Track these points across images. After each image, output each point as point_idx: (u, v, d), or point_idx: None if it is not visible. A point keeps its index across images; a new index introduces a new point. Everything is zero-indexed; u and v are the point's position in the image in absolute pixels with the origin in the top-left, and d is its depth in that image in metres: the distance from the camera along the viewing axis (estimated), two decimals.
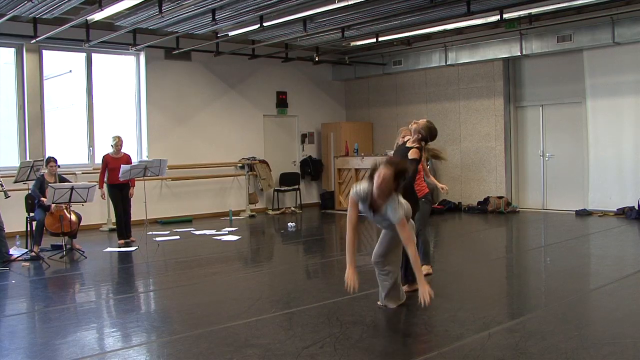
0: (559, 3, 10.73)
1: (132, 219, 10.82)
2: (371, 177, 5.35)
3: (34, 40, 11.32)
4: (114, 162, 10.49)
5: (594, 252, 9.38)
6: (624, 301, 6.17)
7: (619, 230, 10.95)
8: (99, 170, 10.85)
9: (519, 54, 13.46)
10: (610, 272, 7.54)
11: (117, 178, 10.22)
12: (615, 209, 12.68)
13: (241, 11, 10.25)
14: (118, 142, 10.72)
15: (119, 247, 10.25)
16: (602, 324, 5.48)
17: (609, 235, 10.52)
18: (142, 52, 13.47)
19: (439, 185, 8.03)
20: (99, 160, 12.68)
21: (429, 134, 6.56)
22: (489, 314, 5.79)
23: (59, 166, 9.92)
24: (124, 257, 9.50)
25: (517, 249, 10.39)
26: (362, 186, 5.44)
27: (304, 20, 11.06)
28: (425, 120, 6.70)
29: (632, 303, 6.09)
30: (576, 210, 13.21)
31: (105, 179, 10.59)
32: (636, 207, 12.22)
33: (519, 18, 12.04)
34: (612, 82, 12.82)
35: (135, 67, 13.71)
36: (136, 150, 13.39)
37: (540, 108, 14.17)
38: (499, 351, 4.66)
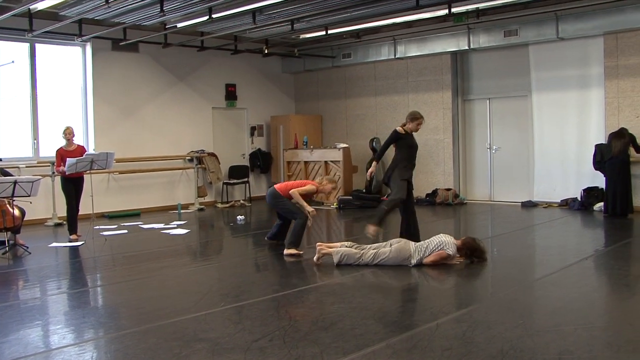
0: None
1: (78, 213, 10.57)
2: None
3: None
4: (68, 154, 10.11)
5: (539, 243, 9.60)
6: (566, 290, 6.33)
7: (563, 221, 11.22)
8: (45, 164, 10.53)
9: (467, 47, 13.66)
10: (554, 262, 7.73)
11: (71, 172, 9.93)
12: (559, 200, 12.99)
13: (190, 2, 10.14)
14: (67, 132, 10.28)
15: (70, 241, 10.03)
16: (545, 312, 5.61)
17: (553, 226, 10.77)
18: (89, 43, 13.20)
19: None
20: (43, 153, 12.47)
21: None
22: (436, 305, 5.88)
23: (0, 159, 9.64)
24: (70, 253, 9.32)
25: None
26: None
27: (253, 12, 11.01)
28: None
29: (574, 291, 6.26)
30: (522, 202, 13.49)
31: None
32: (579, 199, 12.54)
33: (467, 12, 12.21)
34: (556, 76, 13.11)
35: (82, 59, 13.43)
36: (82, 143, 13.11)
37: (487, 101, 14.41)
38: (447, 341, 4.73)
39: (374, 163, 9.25)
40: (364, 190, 14.67)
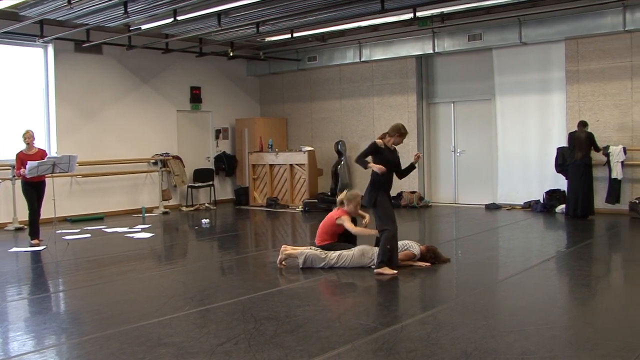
0: (469, 3, 11.07)
1: (40, 217, 10.38)
2: None
3: None
4: (28, 159, 9.90)
5: (502, 244, 9.71)
6: (528, 291, 6.41)
7: (526, 223, 11.37)
8: (5, 167, 10.35)
9: (432, 51, 13.77)
10: (517, 263, 7.82)
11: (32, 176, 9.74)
12: (522, 203, 13.17)
13: (154, 4, 10.04)
14: (26, 136, 10.11)
15: (31, 246, 9.84)
16: (508, 313, 5.68)
17: (516, 228, 10.91)
18: (50, 44, 13.02)
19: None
20: (3, 156, 12.24)
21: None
22: (401, 307, 5.90)
23: None
24: (31, 258, 9.16)
25: (429, 242, 10.59)
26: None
27: (218, 14, 10.94)
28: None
29: (536, 292, 6.34)
30: (486, 204, 13.64)
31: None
32: (541, 201, 12.72)
33: (432, 16, 12.33)
34: (519, 80, 13.29)
35: (43, 60, 13.23)
36: (44, 146, 12.90)
37: (452, 105, 14.54)
38: (411, 343, 4.75)
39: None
40: (329, 193, 14.68)
